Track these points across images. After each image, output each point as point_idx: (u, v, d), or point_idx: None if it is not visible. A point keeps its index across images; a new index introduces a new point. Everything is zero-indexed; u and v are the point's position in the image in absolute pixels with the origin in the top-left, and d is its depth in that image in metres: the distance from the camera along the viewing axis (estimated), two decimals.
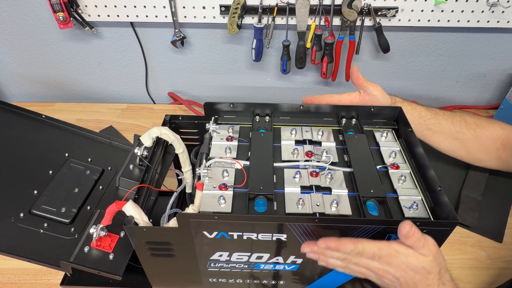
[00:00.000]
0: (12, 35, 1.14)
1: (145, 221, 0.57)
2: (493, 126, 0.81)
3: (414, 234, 0.51)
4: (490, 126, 0.81)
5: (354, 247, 0.53)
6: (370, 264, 0.54)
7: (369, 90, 0.80)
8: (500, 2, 0.98)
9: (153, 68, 1.21)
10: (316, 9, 1.00)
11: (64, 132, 0.82)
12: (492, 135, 0.80)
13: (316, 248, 0.55)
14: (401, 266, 0.52)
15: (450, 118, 0.83)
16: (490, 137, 0.80)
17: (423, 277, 0.52)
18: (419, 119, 0.82)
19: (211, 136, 0.73)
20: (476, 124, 0.81)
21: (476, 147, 0.82)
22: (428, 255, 0.52)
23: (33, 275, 0.75)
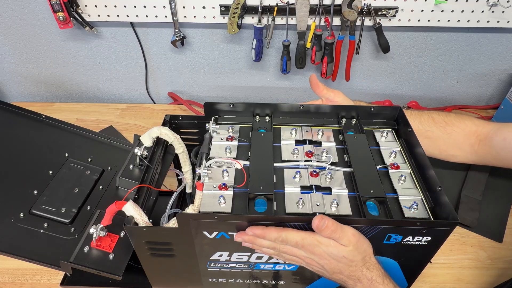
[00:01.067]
0: (12, 35, 1.14)
1: (145, 221, 0.57)
2: (464, 122, 0.81)
3: (327, 226, 0.53)
4: (460, 122, 0.81)
5: (278, 235, 0.55)
6: (296, 252, 0.56)
7: (330, 97, 0.81)
8: (500, 2, 0.98)
9: (153, 68, 1.21)
10: (316, 9, 1.00)
11: (64, 132, 0.82)
12: (464, 131, 0.80)
13: (246, 237, 0.57)
14: (323, 255, 0.55)
15: (418, 118, 0.83)
16: (462, 134, 0.80)
17: (345, 264, 0.55)
18: None
19: (211, 136, 0.73)
20: (445, 122, 0.81)
21: (448, 144, 0.82)
22: (347, 245, 0.54)
23: (33, 275, 0.75)
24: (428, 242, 0.57)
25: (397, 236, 0.56)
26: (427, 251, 0.59)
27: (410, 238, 0.56)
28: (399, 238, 0.56)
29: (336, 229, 0.53)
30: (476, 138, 0.80)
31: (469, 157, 0.83)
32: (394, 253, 0.60)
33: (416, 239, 0.56)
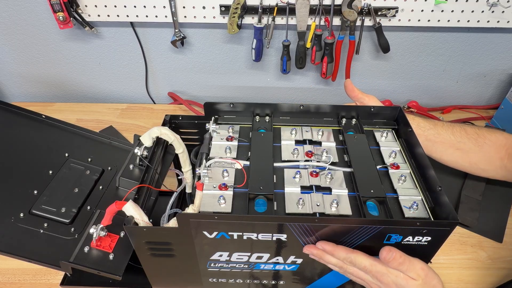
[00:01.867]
0: (12, 35, 1.14)
1: (145, 221, 0.57)
2: (495, 135, 0.80)
3: (394, 258, 0.53)
4: (492, 135, 0.80)
5: (346, 256, 0.55)
6: (363, 276, 0.57)
7: (365, 101, 0.80)
8: (500, 2, 0.98)
9: (153, 68, 1.21)
10: (316, 9, 1.00)
11: (64, 132, 0.82)
12: (495, 144, 0.79)
13: (315, 251, 0.57)
14: (391, 285, 0.54)
15: (450, 129, 0.81)
16: (493, 147, 0.79)
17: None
18: (418, 129, 0.80)
19: (211, 136, 0.73)
20: (477, 134, 0.79)
21: (479, 157, 0.80)
22: (417, 278, 0.53)
23: (33, 275, 0.75)
24: (428, 242, 0.57)
25: (397, 236, 0.56)
26: (427, 251, 0.59)
27: (410, 238, 0.56)
28: (399, 238, 0.56)
29: (404, 261, 0.53)
30: (505, 152, 0.78)
31: (499, 172, 0.81)
32: None
33: (416, 239, 0.56)
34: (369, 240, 0.57)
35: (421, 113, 1.19)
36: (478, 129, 0.81)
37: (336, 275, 0.65)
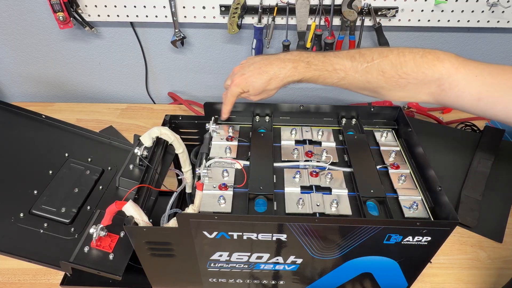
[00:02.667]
0: (12, 35, 1.14)
1: (145, 221, 0.57)
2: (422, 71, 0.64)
3: None
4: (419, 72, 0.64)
5: None
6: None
7: None
8: (500, 2, 0.98)
9: (153, 68, 1.21)
10: (316, 9, 1.00)
11: (64, 132, 0.82)
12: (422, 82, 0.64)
13: None
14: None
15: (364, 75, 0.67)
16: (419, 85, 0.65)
17: None
18: None
19: (211, 136, 0.73)
20: (398, 75, 0.64)
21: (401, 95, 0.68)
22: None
23: (33, 275, 0.75)
24: (428, 242, 0.57)
25: (397, 236, 0.56)
26: (427, 251, 0.59)
27: (410, 238, 0.56)
28: (399, 238, 0.56)
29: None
30: (437, 87, 0.64)
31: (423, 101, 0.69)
32: (394, 253, 0.60)
33: (416, 239, 0.56)
34: (369, 240, 0.57)
35: (421, 113, 1.19)
36: (400, 66, 0.64)
37: (336, 275, 0.65)
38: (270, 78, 0.67)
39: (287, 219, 0.56)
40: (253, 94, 0.70)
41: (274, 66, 0.67)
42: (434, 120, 1.16)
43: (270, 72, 0.67)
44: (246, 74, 0.68)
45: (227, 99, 0.71)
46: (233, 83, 0.69)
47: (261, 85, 0.68)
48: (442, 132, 1.06)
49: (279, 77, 0.67)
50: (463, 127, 1.13)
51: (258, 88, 0.68)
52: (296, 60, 0.68)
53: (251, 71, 0.68)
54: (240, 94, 0.70)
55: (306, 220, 0.55)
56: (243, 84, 0.68)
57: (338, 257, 0.61)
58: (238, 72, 0.70)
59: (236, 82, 0.69)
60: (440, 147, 0.99)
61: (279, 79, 0.67)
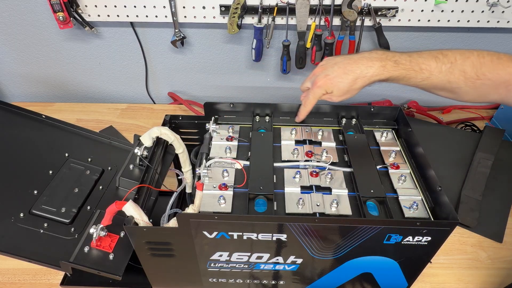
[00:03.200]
0: (12, 35, 1.14)
1: (145, 221, 0.57)
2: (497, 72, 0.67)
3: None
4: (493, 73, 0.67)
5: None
6: None
7: None
8: (500, 2, 0.98)
9: (153, 68, 1.21)
10: (316, 9, 1.00)
11: (64, 132, 0.82)
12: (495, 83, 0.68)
13: None
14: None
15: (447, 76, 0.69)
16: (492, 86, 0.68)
17: None
18: None
19: (211, 136, 0.73)
20: (477, 76, 0.68)
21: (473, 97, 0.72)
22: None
23: (33, 275, 0.75)
24: (428, 242, 0.57)
25: (397, 236, 0.56)
26: (427, 251, 0.59)
27: (410, 238, 0.56)
28: (399, 238, 0.56)
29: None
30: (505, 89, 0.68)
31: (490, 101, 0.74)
32: (394, 253, 0.60)
33: (416, 239, 0.56)
34: (369, 240, 0.57)
35: (421, 113, 1.19)
36: (480, 67, 0.68)
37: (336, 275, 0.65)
38: (357, 77, 0.67)
39: (287, 219, 0.56)
40: (336, 95, 0.69)
41: (361, 65, 0.67)
42: (434, 120, 1.16)
43: (357, 72, 0.67)
44: (331, 75, 0.68)
45: (308, 101, 0.71)
46: (316, 84, 0.69)
47: (347, 85, 0.67)
48: (442, 132, 1.06)
49: (366, 76, 0.67)
50: (463, 127, 1.13)
51: (343, 88, 0.68)
52: (383, 58, 0.67)
53: (335, 71, 0.68)
54: (322, 95, 0.70)
55: (306, 220, 0.55)
56: (327, 85, 0.68)
57: (338, 257, 0.61)
58: (320, 73, 0.69)
59: (320, 84, 0.68)
60: (440, 147, 0.99)
61: (366, 78, 0.67)
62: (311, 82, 0.71)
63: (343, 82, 0.67)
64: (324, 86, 0.68)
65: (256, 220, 0.56)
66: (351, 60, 0.68)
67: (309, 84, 0.72)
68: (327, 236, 0.57)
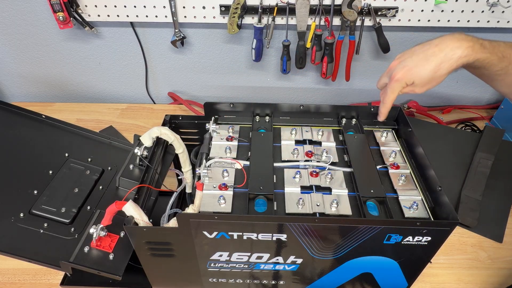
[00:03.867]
0: (12, 35, 1.14)
1: (145, 221, 0.57)
2: None
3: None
4: None
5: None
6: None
7: None
8: (500, 2, 0.98)
9: (153, 68, 1.21)
10: (316, 9, 1.00)
11: (64, 132, 0.82)
12: None
13: None
14: None
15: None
16: None
17: None
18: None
19: (211, 136, 0.73)
20: None
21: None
22: None
23: (33, 275, 0.75)
24: (428, 242, 0.57)
25: (397, 236, 0.56)
26: (427, 251, 0.59)
27: (410, 238, 0.56)
28: (399, 238, 0.56)
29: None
30: None
31: None
32: (394, 253, 0.60)
33: (416, 239, 0.56)
34: (369, 240, 0.57)
35: (421, 113, 1.19)
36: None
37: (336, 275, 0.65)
38: (441, 61, 0.60)
39: (287, 219, 0.56)
40: (420, 86, 0.63)
41: (445, 47, 0.61)
42: (434, 120, 1.16)
43: (440, 55, 0.60)
44: (409, 65, 0.62)
45: (387, 98, 0.65)
46: (394, 78, 0.63)
47: (430, 72, 0.61)
48: (442, 132, 1.06)
49: (453, 58, 0.60)
50: (463, 127, 1.13)
51: (426, 76, 0.61)
52: (469, 39, 0.61)
53: (414, 60, 0.62)
54: (403, 89, 0.64)
55: (306, 220, 0.55)
56: (407, 77, 0.62)
57: (338, 257, 0.61)
58: (397, 66, 0.64)
59: (398, 77, 0.62)
60: (440, 147, 0.99)
61: (453, 60, 0.60)
62: (388, 77, 0.65)
63: (425, 69, 0.61)
64: (403, 79, 0.62)
65: (256, 220, 0.56)
66: (431, 45, 0.62)
67: (387, 80, 0.66)
68: (327, 236, 0.57)
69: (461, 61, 0.60)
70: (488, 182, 0.90)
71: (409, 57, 0.63)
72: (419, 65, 0.61)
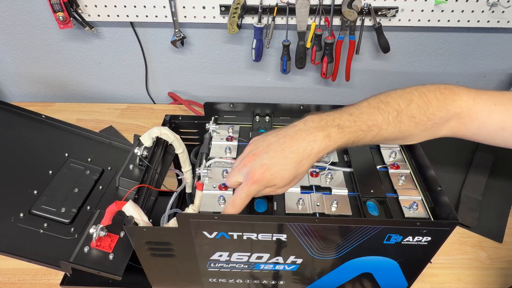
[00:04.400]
0: (12, 35, 1.14)
1: (145, 221, 0.57)
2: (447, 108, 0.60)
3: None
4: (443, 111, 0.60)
5: None
6: None
7: None
8: (500, 2, 0.98)
9: (153, 68, 1.21)
10: (316, 9, 1.00)
11: (64, 132, 0.82)
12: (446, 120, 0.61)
13: None
14: None
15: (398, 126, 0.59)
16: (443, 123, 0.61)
17: None
18: None
19: (211, 136, 0.73)
20: (427, 118, 0.60)
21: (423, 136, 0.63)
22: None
23: (33, 275, 0.75)
24: (428, 242, 0.57)
25: (397, 236, 0.56)
26: (427, 251, 0.59)
27: (410, 238, 0.56)
28: (399, 238, 0.56)
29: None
30: (458, 121, 0.61)
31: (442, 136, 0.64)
32: (394, 253, 0.60)
33: (416, 239, 0.56)
34: (369, 240, 0.57)
35: None
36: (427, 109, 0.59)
37: (336, 275, 0.65)
38: (301, 158, 0.53)
39: (287, 219, 0.56)
40: (281, 186, 0.55)
41: (300, 141, 0.53)
42: None
43: (299, 151, 0.53)
44: (268, 163, 0.53)
45: (240, 201, 0.54)
46: (251, 179, 0.53)
47: (292, 171, 0.53)
48: None
49: (312, 153, 0.53)
50: None
51: (288, 176, 0.54)
52: (323, 126, 0.54)
53: (272, 157, 0.53)
54: (261, 191, 0.55)
55: (306, 220, 0.55)
56: (267, 178, 0.53)
57: (338, 257, 0.61)
58: (252, 162, 0.54)
59: (256, 179, 0.53)
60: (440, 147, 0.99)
61: (312, 155, 0.54)
62: (242, 174, 0.55)
63: (286, 169, 0.53)
64: (262, 181, 0.53)
65: (256, 220, 0.56)
66: (287, 138, 0.54)
67: (240, 177, 0.55)
68: (327, 236, 0.57)
69: (321, 155, 0.54)
70: (488, 182, 0.90)
71: (264, 153, 0.54)
72: (279, 164, 0.53)
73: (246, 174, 0.54)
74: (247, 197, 0.54)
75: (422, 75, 1.21)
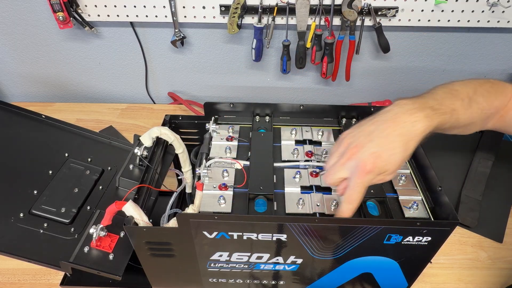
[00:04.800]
0: (12, 35, 1.14)
1: (145, 221, 0.57)
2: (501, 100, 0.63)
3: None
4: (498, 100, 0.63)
5: None
6: None
7: None
8: (500, 2, 0.98)
9: (153, 68, 1.21)
10: (316, 9, 1.00)
11: (64, 132, 0.82)
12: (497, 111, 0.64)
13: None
14: None
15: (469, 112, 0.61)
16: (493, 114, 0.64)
17: None
18: None
19: (211, 136, 0.73)
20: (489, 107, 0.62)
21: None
22: None
23: (33, 275, 0.75)
24: (428, 242, 0.57)
25: (397, 236, 0.56)
26: (427, 251, 0.59)
27: (410, 238, 0.56)
28: (399, 238, 0.56)
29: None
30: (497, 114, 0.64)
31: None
32: (394, 253, 0.60)
33: (416, 239, 0.56)
34: (369, 240, 0.57)
35: None
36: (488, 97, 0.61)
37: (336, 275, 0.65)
38: (408, 140, 0.52)
39: (287, 219, 0.56)
40: (391, 173, 0.53)
41: (403, 123, 0.52)
42: None
43: (405, 133, 0.52)
44: (377, 151, 0.51)
45: (356, 196, 0.52)
46: (364, 171, 0.51)
47: (401, 154, 0.51)
48: None
49: (417, 133, 0.52)
50: None
51: (400, 160, 0.52)
52: (421, 108, 0.53)
53: (379, 144, 0.51)
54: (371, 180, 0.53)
55: (306, 220, 0.55)
56: (379, 166, 0.51)
57: (338, 257, 0.61)
58: (357, 154, 0.52)
59: (369, 168, 0.51)
60: (440, 147, 0.99)
61: (418, 136, 0.52)
62: (349, 168, 0.52)
63: (396, 153, 0.51)
64: (375, 169, 0.51)
65: (256, 220, 0.56)
66: (388, 122, 0.52)
67: (346, 172, 0.53)
68: (327, 236, 0.57)
69: (424, 134, 0.53)
70: (488, 182, 0.90)
71: (368, 141, 0.52)
72: (388, 149, 0.51)
73: (356, 167, 0.51)
74: (363, 189, 0.52)
75: (422, 75, 1.21)
